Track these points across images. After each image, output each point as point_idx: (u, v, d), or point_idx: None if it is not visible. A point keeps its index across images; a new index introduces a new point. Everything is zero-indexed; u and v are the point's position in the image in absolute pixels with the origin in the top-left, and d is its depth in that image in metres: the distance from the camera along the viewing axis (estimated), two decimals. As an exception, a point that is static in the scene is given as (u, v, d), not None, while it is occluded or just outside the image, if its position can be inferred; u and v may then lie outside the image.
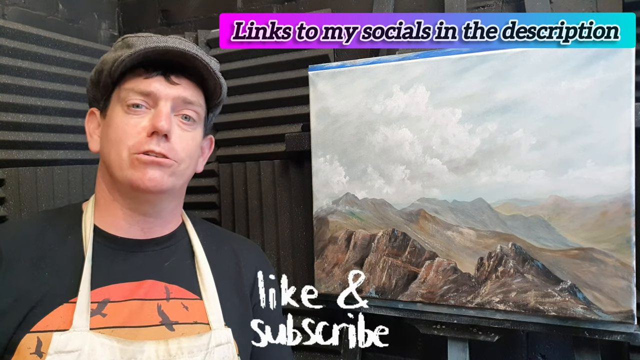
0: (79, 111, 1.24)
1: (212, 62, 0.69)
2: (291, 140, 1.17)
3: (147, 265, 0.68)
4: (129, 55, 0.62)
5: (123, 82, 0.66)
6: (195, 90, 0.69)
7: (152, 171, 0.63)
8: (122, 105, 0.66)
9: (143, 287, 0.66)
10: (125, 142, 0.64)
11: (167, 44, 0.63)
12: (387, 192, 1.00)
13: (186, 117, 0.68)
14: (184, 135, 0.67)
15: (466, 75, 0.92)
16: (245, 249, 0.81)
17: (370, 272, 1.02)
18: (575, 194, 0.85)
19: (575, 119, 0.85)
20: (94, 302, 0.61)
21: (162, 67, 0.65)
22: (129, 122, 0.64)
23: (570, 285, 0.85)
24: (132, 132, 0.64)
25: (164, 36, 0.66)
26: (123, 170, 0.64)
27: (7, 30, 1.08)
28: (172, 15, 1.50)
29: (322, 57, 1.19)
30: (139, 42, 0.64)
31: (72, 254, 0.64)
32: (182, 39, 0.66)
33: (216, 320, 0.67)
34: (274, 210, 1.26)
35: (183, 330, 0.64)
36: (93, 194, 0.73)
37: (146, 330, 0.62)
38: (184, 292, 0.68)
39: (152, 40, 0.64)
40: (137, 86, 0.65)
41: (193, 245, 0.74)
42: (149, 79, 0.65)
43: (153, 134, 0.63)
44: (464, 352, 0.99)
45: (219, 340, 0.65)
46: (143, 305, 0.64)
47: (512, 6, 1.10)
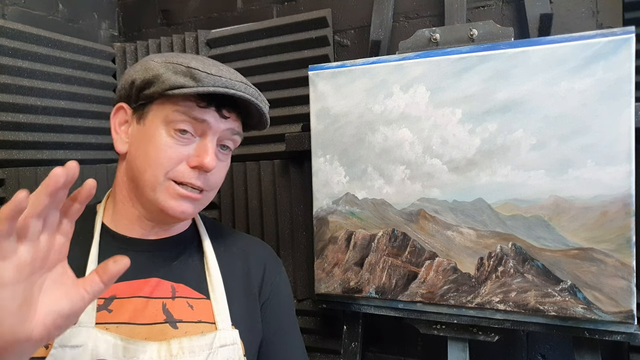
0: (79, 111, 1.25)
1: (266, 106, 0.70)
2: (291, 140, 1.17)
3: (155, 263, 0.69)
4: (194, 92, 0.61)
5: (173, 102, 0.63)
6: (239, 122, 0.70)
7: (186, 204, 0.64)
8: (167, 125, 0.63)
9: (149, 285, 0.66)
10: (166, 167, 0.63)
11: (235, 91, 0.62)
12: (387, 192, 1.00)
13: (224, 146, 0.68)
14: (220, 165, 0.68)
15: (466, 75, 0.92)
16: (254, 248, 0.81)
17: (370, 272, 1.02)
18: (575, 194, 0.85)
19: (575, 119, 0.85)
20: (100, 298, 0.62)
21: (216, 99, 0.64)
22: (171, 146, 0.63)
23: (570, 285, 0.85)
24: (174, 159, 0.63)
25: (229, 73, 0.64)
26: (156, 192, 0.63)
27: (7, 30, 1.08)
28: (172, 15, 1.50)
29: (322, 57, 1.19)
30: (207, 81, 0.61)
31: (81, 253, 0.65)
32: (247, 84, 0.65)
33: (223, 321, 0.67)
34: (274, 210, 1.26)
35: (186, 328, 0.65)
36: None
37: (150, 327, 0.63)
38: (190, 291, 0.69)
39: (220, 81, 0.62)
40: (190, 113, 0.63)
41: (203, 245, 0.74)
42: (204, 109, 0.63)
43: (196, 167, 0.63)
44: (464, 352, 0.99)
45: (223, 341, 0.65)
46: (148, 302, 0.65)
47: (512, 6, 1.10)
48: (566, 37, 0.85)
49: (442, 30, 1.03)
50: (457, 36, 1.01)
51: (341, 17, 1.26)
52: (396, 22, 1.21)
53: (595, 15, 1.03)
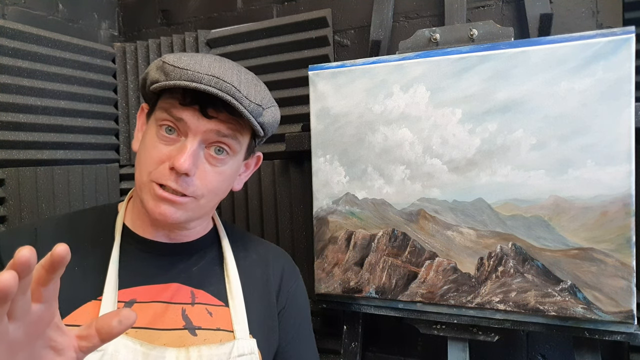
0: (79, 111, 1.25)
1: (252, 105, 0.61)
2: (291, 140, 1.17)
3: (175, 268, 0.68)
4: (162, 86, 0.59)
5: (163, 100, 0.62)
6: (236, 123, 0.63)
7: (165, 207, 0.61)
8: (156, 125, 0.62)
9: (169, 290, 0.65)
10: (149, 167, 0.62)
11: (197, 84, 0.57)
12: (387, 192, 1.00)
13: (220, 149, 0.63)
14: (211, 170, 0.63)
15: (466, 75, 0.92)
16: (273, 256, 0.80)
17: (370, 272, 1.02)
18: (575, 194, 0.85)
19: (575, 119, 0.85)
20: (120, 302, 0.62)
21: (203, 98, 0.59)
22: (156, 147, 0.62)
23: (570, 285, 0.85)
24: (155, 159, 0.61)
25: (207, 65, 0.59)
26: (142, 192, 0.63)
27: (7, 30, 1.08)
28: (172, 15, 1.50)
29: (322, 57, 1.19)
30: (174, 74, 0.59)
31: (102, 253, 0.65)
32: (219, 78, 0.58)
33: (241, 330, 0.66)
34: (274, 210, 1.26)
35: (205, 336, 0.64)
36: (93, 193, 0.73)
37: (169, 333, 0.62)
38: (209, 297, 0.68)
39: (187, 74, 0.58)
40: (170, 110, 0.61)
41: (224, 252, 0.73)
42: (184, 107, 0.60)
43: (172, 169, 0.60)
44: (464, 352, 0.99)
45: (241, 351, 0.64)
46: (167, 308, 0.64)
47: (512, 6, 1.10)
48: (566, 37, 0.85)
49: (442, 30, 1.03)
50: (457, 36, 1.01)
51: (341, 17, 1.26)
52: (396, 22, 1.21)
53: (595, 15, 1.03)
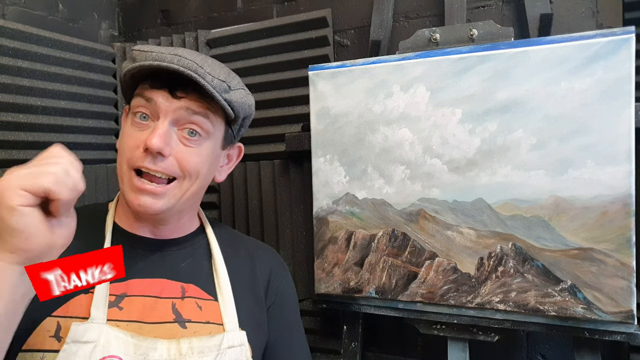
0: (79, 111, 1.25)
1: (216, 80, 0.63)
2: (291, 140, 1.17)
3: (165, 264, 0.69)
4: (129, 70, 0.62)
5: (137, 89, 0.66)
6: (205, 102, 0.65)
7: (144, 198, 0.63)
8: (132, 113, 0.65)
9: (159, 285, 0.67)
10: (127, 155, 0.63)
11: (159, 62, 0.60)
12: (387, 192, 1.00)
13: (192, 131, 0.65)
14: (187, 151, 0.64)
15: (466, 75, 0.92)
16: (261, 253, 0.81)
17: (370, 272, 1.02)
18: (575, 194, 0.85)
19: (575, 119, 0.85)
20: (112, 295, 0.63)
21: (171, 81, 0.62)
22: (131, 134, 0.64)
23: (570, 285, 0.85)
24: (131, 145, 0.63)
25: (172, 49, 0.63)
26: (123, 184, 0.65)
27: (7, 30, 1.08)
28: (172, 15, 1.50)
29: (322, 57, 1.19)
30: (140, 57, 0.62)
31: (94, 250, 0.66)
32: (186, 56, 0.62)
33: (230, 322, 0.68)
34: (274, 210, 1.26)
35: (195, 328, 0.65)
36: (92, 193, 0.73)
37: (159, 326, 0.63)
38: (199, 292, 0.69)
39: (151, 56, 0.61)
40: (142, 94, 0.64)
41: (211, 248, 0.75)
42: (154, 89, 0.63)
43: (147, 151, 0.61)
44: (464, 352, 0.99)
45: (231, 343, 0.65)
46: (157, 302, 0.65)
47: (512, 6, 1.10)
48: (566, 37, 0.85)
49: (442, 30, 1.03)
50: (457, 36, 1.01)
51: (341, 17, 1.26)
52: (396, 22, 1.21)
53: (595, 15, 1.03)
